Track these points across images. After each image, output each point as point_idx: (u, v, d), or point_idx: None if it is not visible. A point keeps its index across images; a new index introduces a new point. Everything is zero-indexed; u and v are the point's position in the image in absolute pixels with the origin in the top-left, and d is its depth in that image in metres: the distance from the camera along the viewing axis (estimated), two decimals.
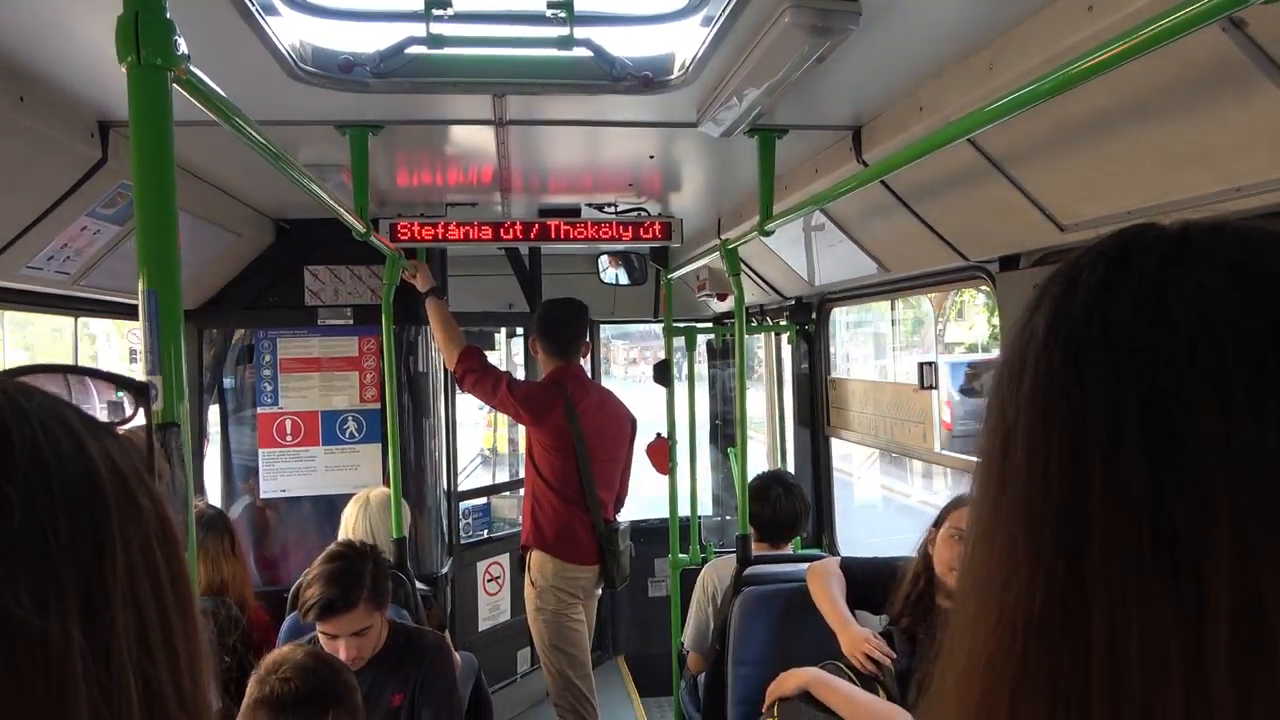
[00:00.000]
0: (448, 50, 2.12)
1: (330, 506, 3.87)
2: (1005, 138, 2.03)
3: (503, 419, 6.16)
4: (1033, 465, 0.51)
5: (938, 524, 2.63)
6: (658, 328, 5.37)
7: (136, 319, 3.23)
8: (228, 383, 4.04)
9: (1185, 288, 0.50)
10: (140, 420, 0.70)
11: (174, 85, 1.11)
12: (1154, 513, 0.46)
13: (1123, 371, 0.49)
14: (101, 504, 0.50)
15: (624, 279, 5.53)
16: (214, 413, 4.07)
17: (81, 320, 3.75)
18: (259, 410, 3.95)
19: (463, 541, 4.85)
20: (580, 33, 2.10)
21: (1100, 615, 0.47)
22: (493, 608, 5.01)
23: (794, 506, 3.54)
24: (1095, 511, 0.48)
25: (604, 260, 5.40)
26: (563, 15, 2.06)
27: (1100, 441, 0.49)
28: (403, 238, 3.31)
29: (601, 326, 5.85)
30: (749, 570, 3.05)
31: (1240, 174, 1.60)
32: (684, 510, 4.65)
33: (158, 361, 1.04)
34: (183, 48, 1.09)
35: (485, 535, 5.08)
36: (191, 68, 1.14)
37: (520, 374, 5.07)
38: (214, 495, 3.96)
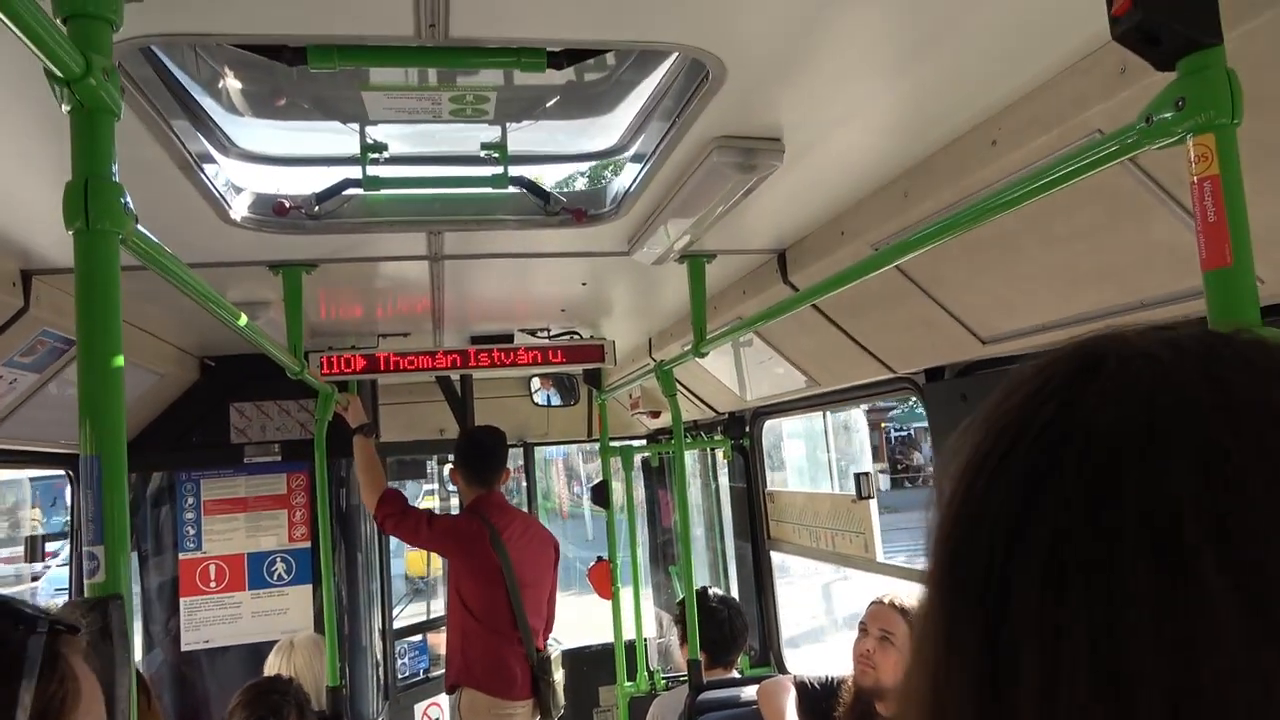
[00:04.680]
0: (384, 191, 2.16)
1: (257, 655, 3.66)
2: (924, 258, 2.12)
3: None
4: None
5: (863, 629, 2.65)
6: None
7: (55, 467, 3.07)
8: (145, 529, 3.85)
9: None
10: None
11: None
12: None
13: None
14: None
15: (556, 400, 5.56)
16: (131, 560, 3.85)
17: None
18: (181, 555, 3.76)
19: (399, 682, 4.63)
20: (514, 170, 2.17)
21: None
22: None
23: (742, 624, 3.53)
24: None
25: (535, 382, 5.43)
26: (496, 155, 2.13)
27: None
28: (335, 371, 3.27)
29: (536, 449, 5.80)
30: (701, 697, 2.98)
31: (1144, 288, 1.71)
32: (628, 634, 4.55)
33: (100, 531, 0.99)
34: (131, 209, 1.10)
35: (423, 674, 4.86)
36: (139, 228, 1.14)
37: (454, 502, 4.97)
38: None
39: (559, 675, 3.82)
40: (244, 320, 1.97)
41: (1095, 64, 1.39)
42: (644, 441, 5.61)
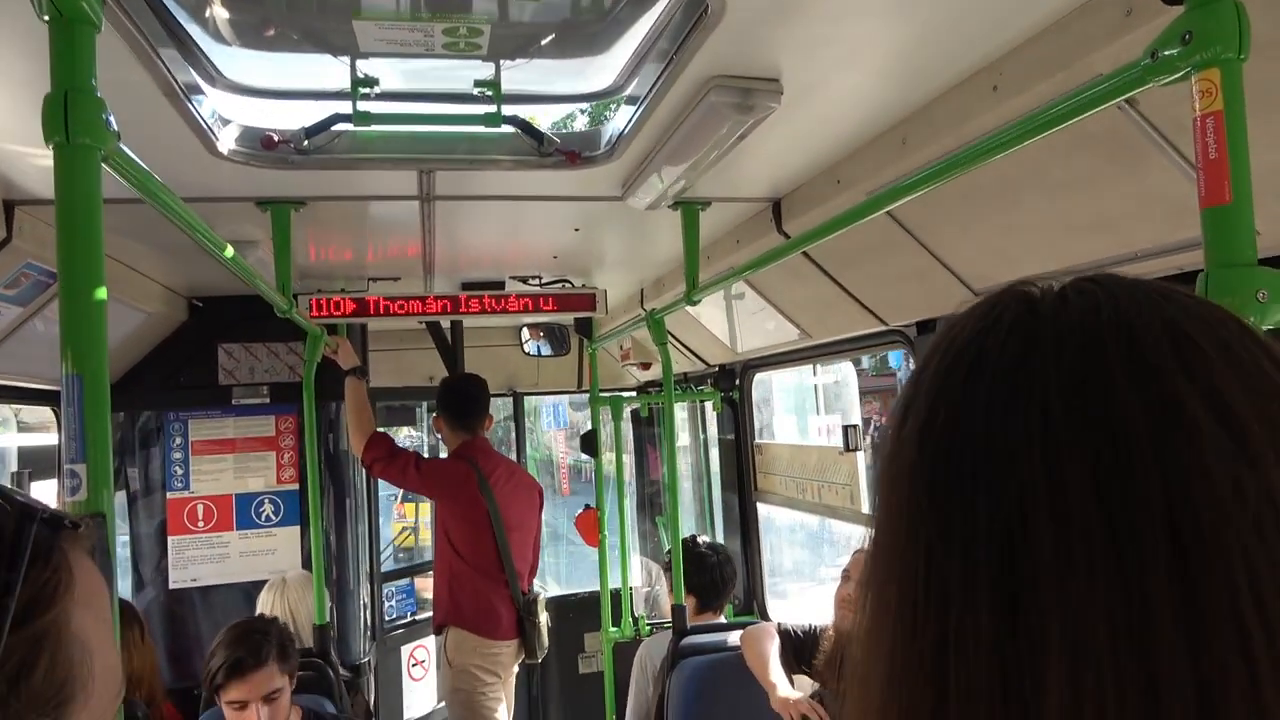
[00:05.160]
0: (375, 127, 2.13)
1: (245, 596, 3.69)
2: (919, 207, 2.12)
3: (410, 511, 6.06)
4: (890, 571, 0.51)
5: (845, 575, 2.70)
6: None
7: (40, 403, 3.06)
8: (134, 467, 3.85)
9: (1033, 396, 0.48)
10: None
11: (102, 165, 1.09)
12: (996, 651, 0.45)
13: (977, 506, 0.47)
14: None
15: (546, 350, 5.55)
16: (120, 498, 3.86)
17: None
18: (169, 495, 3.77)
19: (386, 624, 4.67)
20: (507, 110, 2.14)
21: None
22: (418, 695, 4.82)
23: (731, 572, 3.59)
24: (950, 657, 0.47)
25: (525, 332, 5.41)
26: (490, 93, 2.10)
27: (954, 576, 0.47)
28: (324, 313, 3.25)
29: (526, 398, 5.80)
30: (684, 641, 3.02)
31: (1138, 240, 1.71)
32: (614, 582, 4.59)
33: (82, 449, 0.99)
34: (113, 125, 1.07)
35: (410, 617, 4.91)
36: (121, 146, 1.12)
37: (443, 448, 4.99)
38: (121, 585, 3.73)
39: (544, 617, 3.88)
40: (230, 252, 1.94)
41: (1101, 6, 1.36)
42: (634, 393, 5.62)
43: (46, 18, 1.00)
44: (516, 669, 3.98)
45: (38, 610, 0.59)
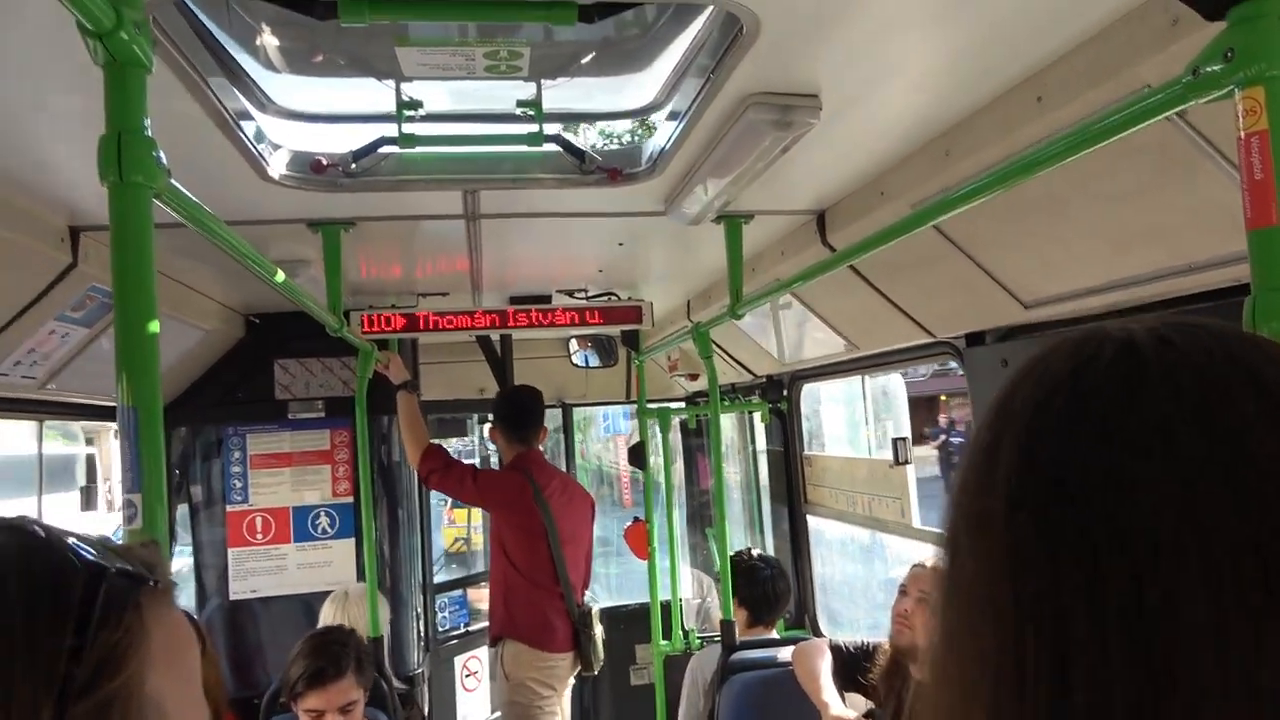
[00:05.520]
0: (420, 149, 2.17)
1: (303, 607, 3.77)
2: (966, 220, 2.08)
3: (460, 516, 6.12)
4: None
5: (903, 590, 2.66)
6: None
7: (105, 420, 3.17)
8: (195, 481, 3.96)
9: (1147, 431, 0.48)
10: None
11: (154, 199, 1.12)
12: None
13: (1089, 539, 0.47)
14: None
15: (594, 361, 5.58)
16: (181, 511, 3.98)
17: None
18: (228, 508, 3.87)
19: (440, 635, 4.73)
20: (549, 129, 2.16)
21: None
22: (472, 706, 4.87)
23: (785, 586, 3.56)
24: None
25: (573, 343, 5.44)
26: (532, 113, 2.12)
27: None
28: (376, 329, 3.31)
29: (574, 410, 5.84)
30: (734, 656, 3.00)
31: (1192, 251, 1.66)
32: (664, 594, 4.59)
33: (138, 479, 1.02)
34: (164, 163, 1.11)
35: (464, 628, 4.96)
36: (173, 182, 1.15)
37: (494, 460, 5.04)
38: (183, 597, 3.84)
39: (599, 629, 3.88)
40: (280, 276, 1.99)
41: (1146, 14, 1.33)
42: (682, 404, 5.61)
43: (100, 62, 1.04)
44: (572, 681, 3.99)
45: (105, 675, 0.55)
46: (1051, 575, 0.47)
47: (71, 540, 0.60)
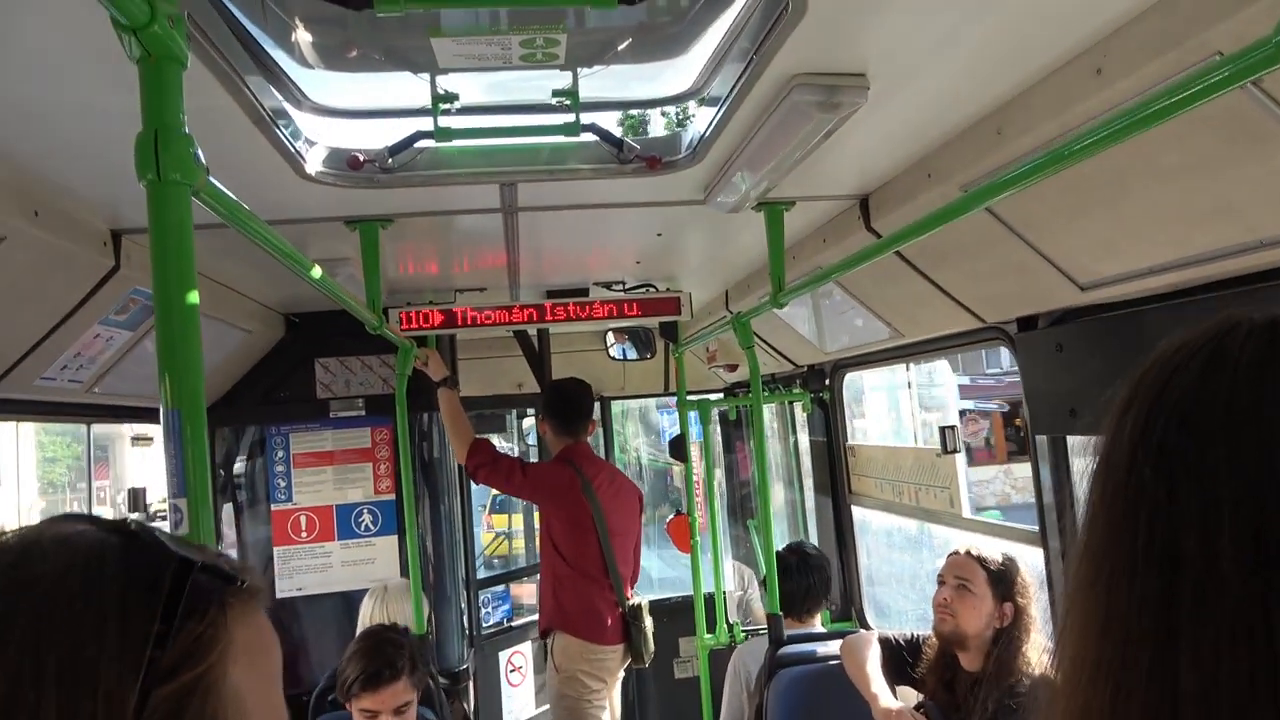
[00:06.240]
0: (456, 143, 2.14)
1: (346, 604, 3.79)
2: (1018, 201, 2.02)
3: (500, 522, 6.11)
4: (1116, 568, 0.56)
5: (941, 580, 2.63)
6: None
7: (150, 422, 3.20)
8: (239, 481, 3.99)
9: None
10: None
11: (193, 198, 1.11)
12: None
13: (1219, 481, 0.51)
14: None
15: (632, 354, 5.54)
16: (226, 511, 4.01)
17: None
18: (273, 507, 3.89)
19: (484, 630, 4.74)
20: (586, 118, 2.12)
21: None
22: (517, 701, 4.87)
23: (810, 580, 3.46)
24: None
25: (610, 336, 5.41)
26: (568, 103, 2.08)
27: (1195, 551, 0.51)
28: (414, 326, 3.30)
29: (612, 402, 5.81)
30: (782, 651, 2.96)
31: (1264, 226, 1.58)
32: (707, 586, 4.55)
33: (183, 484, 1.00)
34: (202, 160, 1.09)
35: (507, 623, 4.97)
36: (211, 180, 1.13)
37: (534, 455, 5.03)
38: None
39: (649, 622, 3.85)
40: (318, 272, 1.98)
41: None
42: (721, 395, 5.56)
43: (135, 57, 1.02)
44: (621, 674, 3.97)
45: (188, 663, 0.58)
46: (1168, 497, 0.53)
47: (169, 540, 0.64)
